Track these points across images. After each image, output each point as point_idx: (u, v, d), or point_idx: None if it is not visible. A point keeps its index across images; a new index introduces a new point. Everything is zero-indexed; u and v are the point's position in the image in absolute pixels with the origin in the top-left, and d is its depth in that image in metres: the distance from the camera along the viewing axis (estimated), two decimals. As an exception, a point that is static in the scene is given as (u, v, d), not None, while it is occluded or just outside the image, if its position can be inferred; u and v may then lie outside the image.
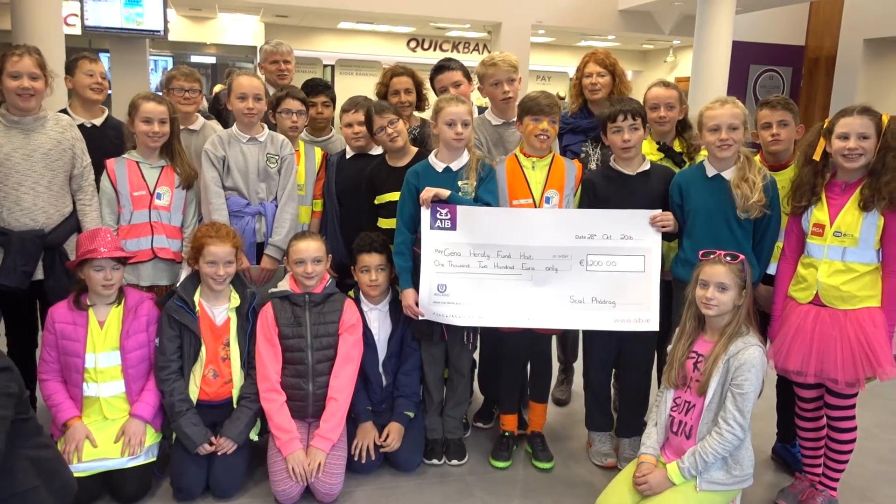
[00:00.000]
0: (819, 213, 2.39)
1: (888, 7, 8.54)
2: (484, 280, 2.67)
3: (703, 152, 2.81)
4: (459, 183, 2.67)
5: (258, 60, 3.96)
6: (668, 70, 12.74)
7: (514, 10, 9.55)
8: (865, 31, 9.14)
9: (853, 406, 2.47)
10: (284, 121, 3.13)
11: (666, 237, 2.69)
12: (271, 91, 3.43)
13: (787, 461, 2.87)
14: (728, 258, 2.36)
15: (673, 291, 2.70)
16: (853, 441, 2.49)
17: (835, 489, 2.55)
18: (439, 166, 2.72)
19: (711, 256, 2.39)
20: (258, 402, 2.62)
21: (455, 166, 2.71)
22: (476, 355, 3.06)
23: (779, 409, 2.92)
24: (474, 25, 10.90)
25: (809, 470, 2.62)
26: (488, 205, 2.68)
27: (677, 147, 3.00)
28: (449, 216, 2.65)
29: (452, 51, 13.05)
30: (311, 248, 2.68)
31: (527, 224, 2.66)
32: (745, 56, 10.18)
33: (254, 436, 2.65)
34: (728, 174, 2.55)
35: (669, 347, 2.52)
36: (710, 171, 2.60)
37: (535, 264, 2.66)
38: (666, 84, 3.05)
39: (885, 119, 2.31)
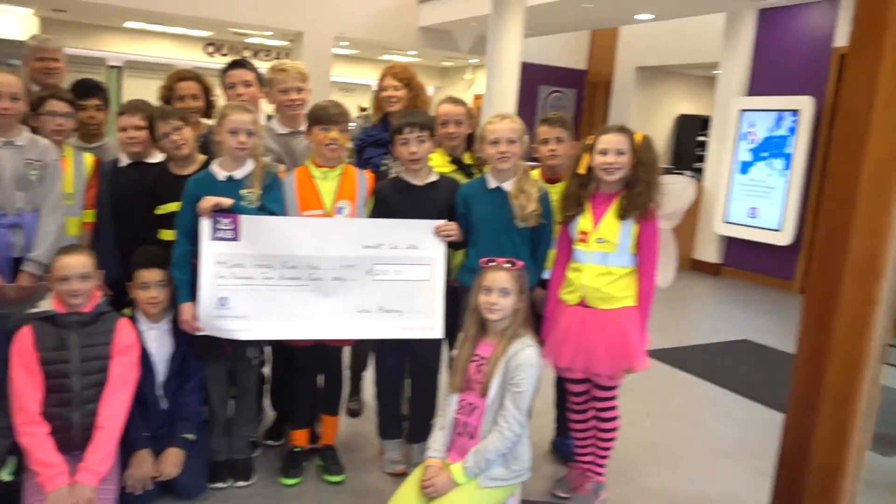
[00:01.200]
0: (584, 222, 2.61)
1: (656, 39, 9.59)
2: (269, 292, 2.60)
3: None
4: (242, 192, 2.59)
5: (24, 57, 3.57)
6: (467, 87, 13.33)
7: (316, 21, 9.50)
8: (637, 59, 10.21)
9: (615, 397, 2.71)
10: (47, 124, 2.84)
11: (453, 246, 2.80)
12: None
13: (564, 453, 3.09)
14: (508, 265, 2.51)
15: (457, 298, 2.81)
16: (616, 429, 2.73)
17: (602, 474, 2.79)
18: (221, 175, 2.62)
19: (493, 264, 2.52)
20: (11, 437, 2.34)
21: (238, 175, 2.63)
22: (269, 370, 2.97)
23: (556, 404, 3.15)
24: (276, 33, 10.68)
25: (580, 458, 2.83)
26: (274, 214, 2.62)
27: (467, 160, 3.13)
28: (231, 226, 2.55)
29: (253, 58, 12.68)
30: (78, 263, 2.45)
31: (313, 234, 2.64)
32: (535, 77, 10.94)
33: (6, 475, 2.37)
34: (507, 186, 2.71)
35: (454, 352, 2.62)
36: (492, 184, 2.74)
37: (322, 274, 2.64)
38: (454, 101, 3.17)
39: (637, 137, 2.57)
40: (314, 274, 2.64)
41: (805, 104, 6.96)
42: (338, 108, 2.76)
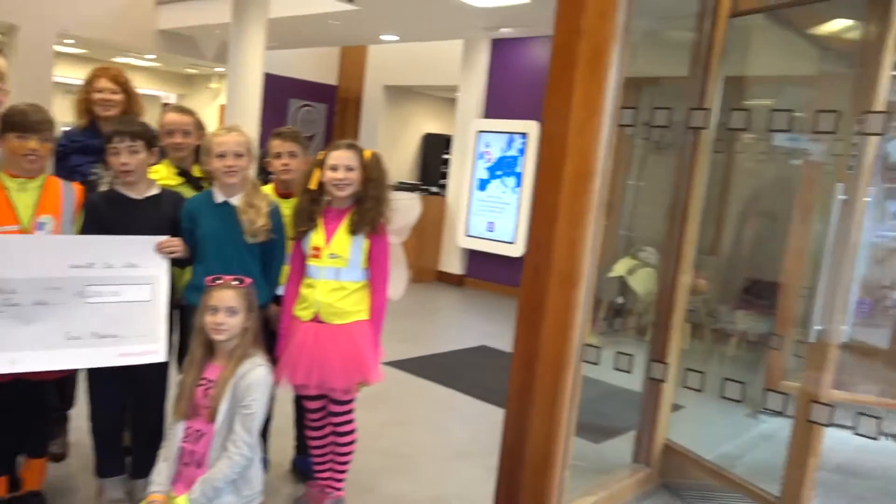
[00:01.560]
0: (316, 238, 2.59)
1: (402, 60, 9.97)
2: None
3: None
4: None
5: None
6: (213, 96, 12.76)
7: (33, 14, 8.45)
8: (385, 78, 10.53)
9: (352, 411, 2.72)
10: None
11: (178, 264, 2.63)
12: None
13: (304, 472, 3.04)
14: (236, 282, 2.41)
15: (186, 319, 2.65)
16: (354, 443, 2.75)
17: (341, 489, 2.79)
18: None
19: (219, 281, 2.41)
20: None
21: None
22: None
23: (296, 423, 3.09)
24: (-17, 25, 9.33)
25: (320, 476, 2.81)
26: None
27: (197, 172, 2.97)
28: None
29: (-46, 50, 10.96)
30: None
31: (8, 254, 2.31)
32: (286, 90, 10.81)
33: None
34: (235, 200, 2.61)
35: (179, 378, 2.46)
36: (219, 198, 2.63)
37: (21, 299, 2.32)
38: (181, 110, 3.03)
39: (366, 154, 2.62)
40: (11, 299, 2.32)
41: (532, 128, 7.67)
42: (40, 113, 2.46)
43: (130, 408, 2.73)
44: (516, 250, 7.81)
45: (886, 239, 4.21)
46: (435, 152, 11.02)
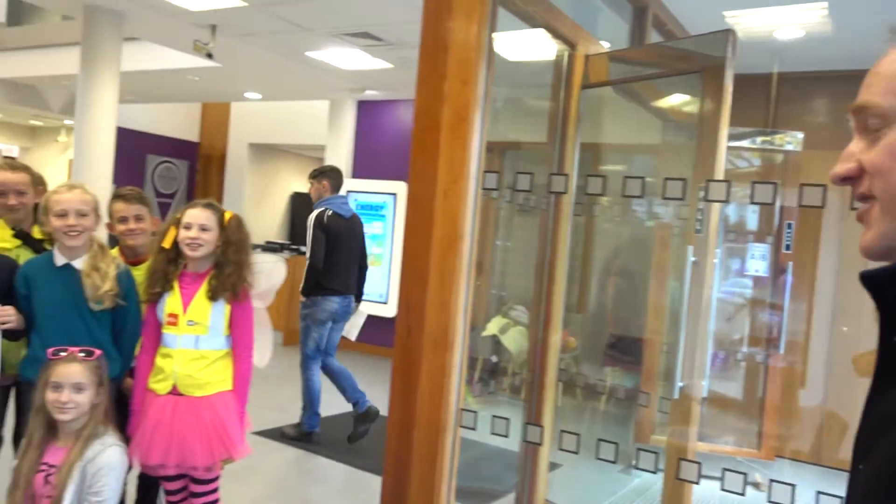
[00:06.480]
0: (172, 303, 2.43)
1: (268, 118, 9.83)
2: None
3: None
4: None
5: None
6: (62, 149, 11.97)
7: None
8: (250, 136, 10.33)
9: (216, 490, 2.52)
10: None
11: (11, 336, 2.36)
12: None
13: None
14: (83, 354, 2.19)
15: (22, 396, 2.38)
16: (216, 523, 2.54)
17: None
18: None
19: (63, 354, 2.18)
20: None
21: None
22: None
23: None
24: None
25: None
26: None
27: (37, 234, 2.72)
28: None
29: None
30: None
31: None
32: (143, 146, 10.32)
33: None
34: (78, 263, 2.40)
35: (14, 464, 2.18)
36: (60, 260, 2.41)
37: None
38: (14, 167, 2.78)
39: (227, 216, 2.50)
40: None
41: (400, 188, 7.74)
42: None
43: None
44: (389, 310, 7.75)
45: (732, 295, 4.56)
46: (304, 211, 10.82)
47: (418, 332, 2.42)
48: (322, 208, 4.59)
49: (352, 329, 4.81)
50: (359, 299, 4.82)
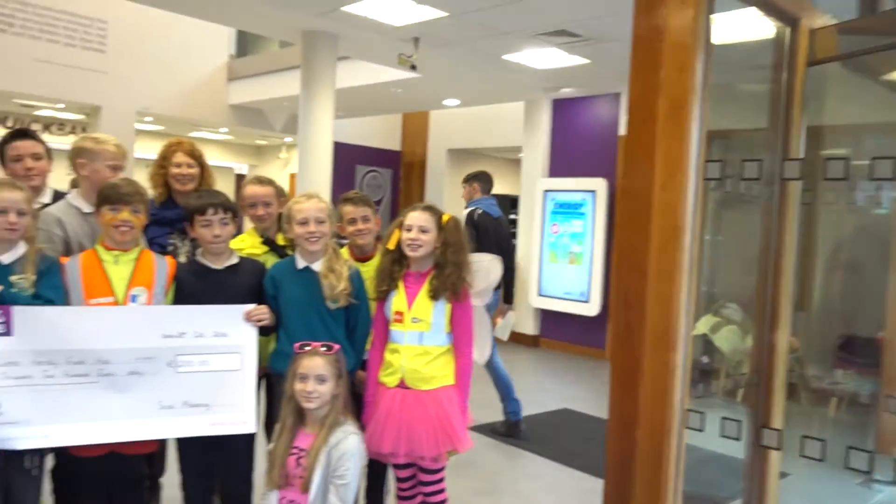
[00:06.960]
0: (398, 302, 2.57)
1: (465, 123, 10.13)
2: (51, 392, 2.28)
3: None
4: (13, 279, 2.27)
5: None
6: (283, 165, 13.19)
7: (115, 95, 8.95)
8: (448, 142, 10.69)
9: (442, 479, 2.64)
10: None
11: (263, 332, 2.64)
12: None
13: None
14: (324, 349, 2.40)
15: (273, 387, 2.64)
16: (445, 512, 2.65)
17: (433, 561, 2.68)
18: (-14, 261, 2.29)
19: (307, 349, 2.40)
20: None
21: (7, 259, 2.30)
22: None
23: (367, 493, 2.97)
24: (69, 106, 9.94)
25: (410, 547, 2.71)
26: (51, 303, 2.32)
27: (281, 241, 3.01)
28: (3, 319, 2.23)
29: (44, 132, 11.69)
30: None
31: (103, 324, 2.37)
32: (352, 157, 11.07)
33: None
34: (317, 266, 2.62)
35: (270, 446, 2.43)
36: (301, 264, 2.64)
37: (115, 369, 2.36)
38: (261, 181, 3.08)
39: (445, 218, 2.61)
40: (104, 369, 2.36)
41: (599, 185, 7.60)
42: (130, 185, 2.54)
43: (219, 478, 2.71)
44: (592, 309, 7.65)
45: None
46: (503, 212, 11.00)
47: (639, 329, 2.34)
48: (473, 207, 4.95)
49: (504, 329, 4.84)
50: (508, 300, 4.88)
